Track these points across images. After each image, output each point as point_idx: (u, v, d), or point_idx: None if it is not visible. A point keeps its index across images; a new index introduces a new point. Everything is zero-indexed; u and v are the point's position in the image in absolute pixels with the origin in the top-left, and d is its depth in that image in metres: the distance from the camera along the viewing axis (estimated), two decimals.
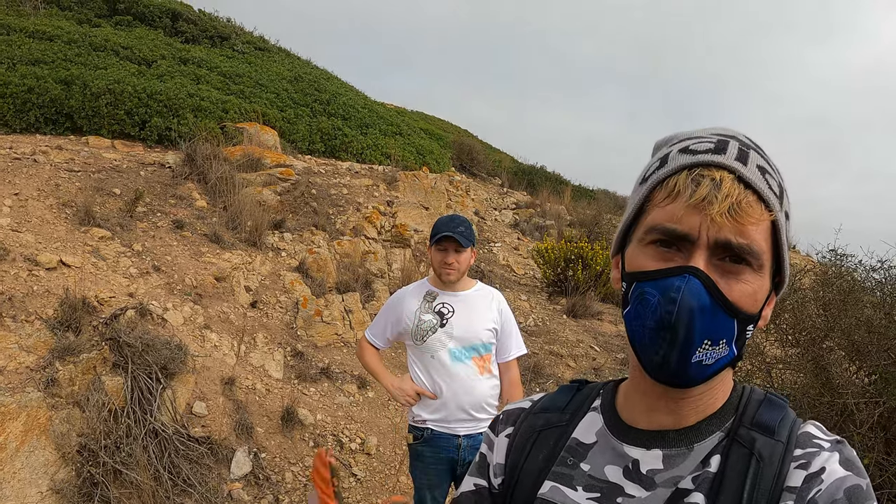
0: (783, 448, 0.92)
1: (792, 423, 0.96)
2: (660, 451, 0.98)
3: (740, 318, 0.91)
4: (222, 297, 6.58)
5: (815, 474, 0.89)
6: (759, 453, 0.92)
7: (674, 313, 0.87)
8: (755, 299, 0.92)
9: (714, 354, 0.90)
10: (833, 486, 0.87)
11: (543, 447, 1.09)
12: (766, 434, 0.94)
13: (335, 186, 9.87)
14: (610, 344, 9.79)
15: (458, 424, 3.50)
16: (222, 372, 5.65)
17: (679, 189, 0.91)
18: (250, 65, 12.87)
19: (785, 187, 0.95)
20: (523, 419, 1.15)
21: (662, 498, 0.95)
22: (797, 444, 0.93)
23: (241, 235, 7.51)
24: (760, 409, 0.97)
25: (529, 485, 1.07)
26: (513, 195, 17.62)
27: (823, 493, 0.86)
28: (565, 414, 1.11)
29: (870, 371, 4.86)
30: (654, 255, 0.93)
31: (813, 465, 0.89)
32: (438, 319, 3.52)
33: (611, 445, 1.02)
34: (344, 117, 12.62)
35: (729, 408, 0.99)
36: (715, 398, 0.98)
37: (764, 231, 0.91)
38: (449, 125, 23.38)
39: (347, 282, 8.20)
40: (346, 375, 6.79)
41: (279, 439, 5.47)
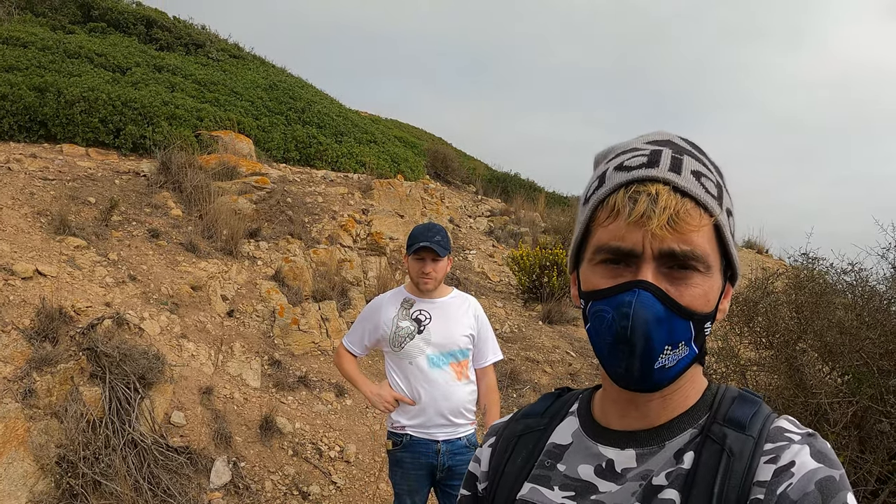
0: (753, 443, 0.93)
1: (765, 418, 0.97)
2: (633, 451, 1.00)
3: (695, 320, 0.94)
4: (199, 306, 6.56)
5: (784, 468, 0.89)
6: (730, 448, 0.93)
7: (628, 328, 0.90)
8: (707, 299, 0.95)
9: (675, 357, 0.94)
10: (804, 479, 0.87)
11: (523, 450, 1.12)
12: (737, 430, 0.95)
13: (310, 195, 9.86)
14: (586, 349, 9.85)
15: (436, 430, 3.53)
16: (200, 381, 5.63)
17: (618, 208, 0.93)
18: (225, 72, 12.81)
19: (724, 184, 0.98)
20: (505, 427, 1.20)
21: (631, 490, 0.97)
22: (768, 439, 0.94)
23: (216, 244, 7.48)
24: (733, 406, 0.98)
25: (509, 487, 1.10)
26: (487, 202, 17.64)
27: (794, 486, 0.87)
28: (544, 419, 1.14)
29: (842, 371, 4.95)
30: (605, 273, 0.96)
31: (782, 459, 0.90)
32: (416, 326, 3.55)
33: (585, 446, 1.05)
34: (319, 125, 12.60)
35: (702, 405, 1.01)
36: (686, 397, 1.00)
37: (706, 234, 0.93)
38: (423, 133, 23.38)
39: (324, 290, 8.19)
40: (324, 384, 6.79)
41: (258, 448, 5.46)
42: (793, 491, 0.86)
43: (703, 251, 0.93)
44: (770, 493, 0.88)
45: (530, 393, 7.91)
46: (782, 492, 0.87)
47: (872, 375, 4.59)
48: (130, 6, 14.56)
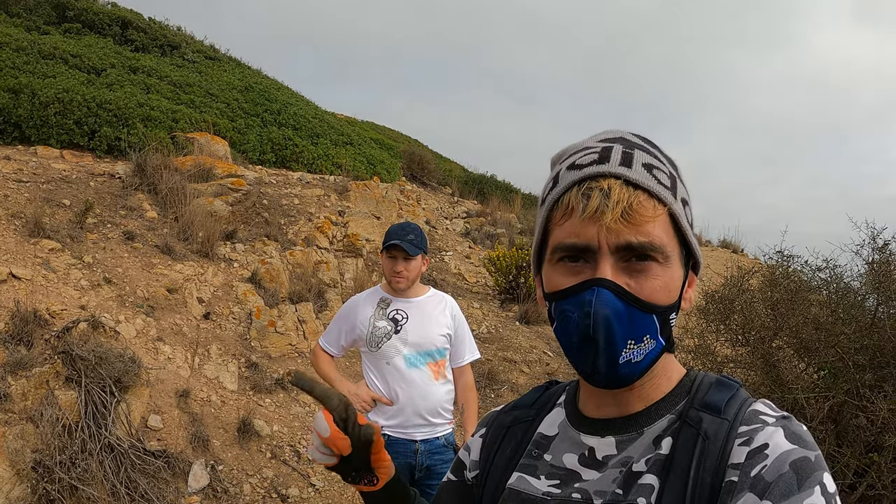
0: (728, 426, 0.93)
1: (741, 402, 0.97)
2: (613, 438, 1.00)
3: (658, 312, 0.94)
4: (175, 308, 6.52)
5: (757, 449, 0.89)
6: (706, 432, 0.94)
7: (590, 326, 0.91)
8: (668, 290, 0.95)
9: (641, 351, 0.94)
10: (779, 461, 0.87)
11: (511, 441, 1.14)
12: (713, 413, 0.95)
13: (286, 197, 9.83)
14: (561, 349, 9.91)
15: (414, 430, 3.53)
16: (177, 384, 5.60)
17: (572, 205, 0.95)
18: (201, 74, 12.72)
19: (678, 174, 1.00)
20: (495, 418, 1.22)
21: (612, 477, 0.97)
22: (742, 422, 0.94)
23: (192, 246, 7.44)
24: (710, 391, 0.99)
25: (498, 476, 1.12)
26: (463, 204, 17.66)
27: (769, 468, 0.87)
28: (532, 410, 1.16)
29: (818, 367, 5.02)
30: (565, 272, 0.96)
31: (756, 441, 0.90)
32: (393, 326, 3.54)
33: (569, 436, 1.06)
34: (295, 127, 12.56)
35: (680, 391, 1.01)
36: (658, 386, 1.01)
37: (663, 224, 0.94)
38: (399, 135, 23.36)
39: (300, 292, 8.17)
40: None
41: (236, 451, 5.44)
42: (767, 472, 0.86)
43: (661, 241, 0.93)
44: (744, 476, 0.88)
45: (508, 393, 7.93)
46: (756, 474, 0.87)
47: (848, 370, 4.66)
48: (106, 7, 14.41)
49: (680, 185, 0.98)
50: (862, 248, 6.56)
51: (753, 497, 0.85)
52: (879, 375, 5.80)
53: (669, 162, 1.00)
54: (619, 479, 0.97)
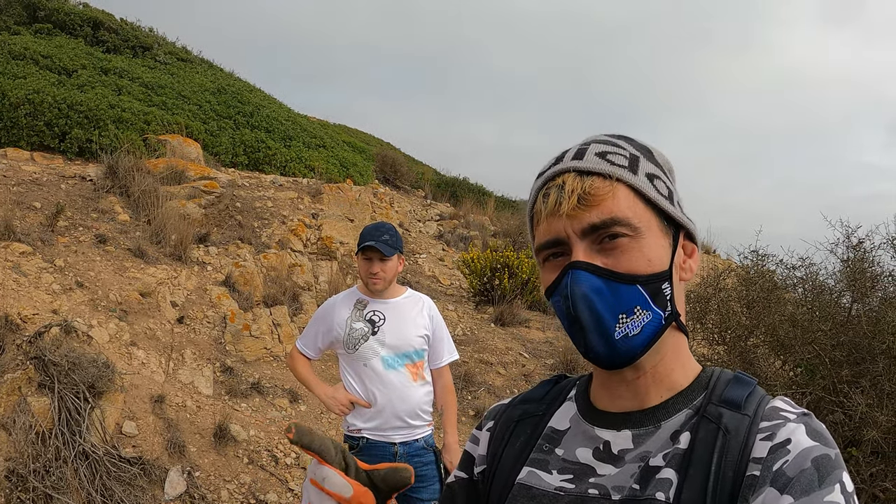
0: (749, 421, 0.94)
1: (760, 398, 0.98)
2: (629, 432, 1.00)
3: (642, 282, 0.95)
4: (148, 312, 6.42)
5: (780, 445, 0.90)
6: (726, 427, 0.94)
7: (570, 307, 0.93)
8: (648, 259, 0.96)
9: (636, 323, 0.94)
10: (800, 457, 0.88)
11: (521, 436, 1.12)
12: (732, 409, 0.96)
13: (260, 199, 9.75)
14: (539, 350, 9.92)
15: (393, 432, 3.49)
16: (151, 390, 5.51)
17: (538, 208, 1.00)
18: (173, 76, 12.57)
19: (640, 153, 1.01)
20: (503, 412, 1.20)
21: (630, 472, 0.97)
22: (763, 418, 0.94)
23: (165, 250, 7.34)
24: (728, 387, 0.99)
25: (507, 471, 1.10)
26: (436, 207, 17.64)
27: (791, 463, 0.87)
28: (542, 404, 1.15)
29: (795, 364, 5.06)
30: (550, 269, 1.00)
31: (778, 436, 0.91)
32: (370, 327, 3.51)
33: (582, 429, 1.05)
34: (267, 130, 12.46)
35: (697, 387, 1.01)
36: (672, 372, 1.01)
37: (625, 199, 0.96)
38: (371, 138, 23.31)
39: (275, 295, 8.10)
40: (278, 390, 6.71)
41: (213, 457, 5.36)
42: (789, 468, 0.87)
43: (624, 215, 0.95)
44: (766, 470, 0.88)
45: (485, 395, 7.93)
46: (778, 468, 0.88)
47: (825, 366, 4.71)
48: (77, 7, 14.19)
49: (645, 162, 1.00)
50: (836, 247, 6.66)
51: (774, 492, 0.86)
52: (856, 371, 5.88)
53: (636, 146, 1.02)
54: (637, 474, 0.96)
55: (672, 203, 1.00)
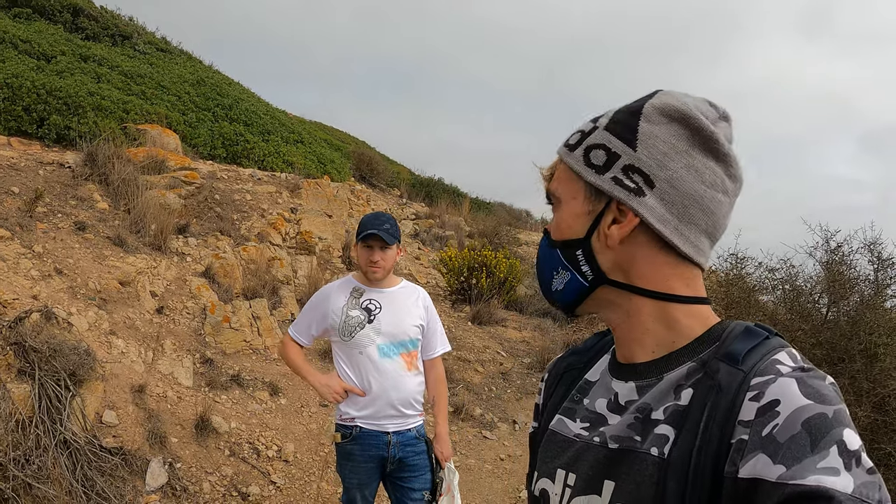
0: (742, 377, 0.90)
1: (766, 352, 0.93)
2: (633, 384, 1.02)
3: (559, 247, 1.06)
4: (127, 302, 6.29)
5: (768, 406, 0.85)
6: (719, 384, 0.91)
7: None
8: (559, 228, 1.06)
9: (561, 280, 1.06)
10: (790, 420, 0.82)
11: (563, 387, 1.18)
12: (730, 364, 0.92)
13: (238, 192, 9.62)
14: (516, 349, 9.93)
15: (387, 421, 3.47)
16: (131, 379, 5.40)
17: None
18: (152, 66, 12.39)
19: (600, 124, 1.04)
20: (554, 365, 1.26)
21: (627, 422, 0.99)
22: (757, 373, 0.89)
23: (144, 239, 7.21)
24: (735, 340, 0.96)
25: (547, 419, 1.17)
26: (412, 206, 17.63)
27: (781, 427, 0.82)
28: (585, 357, 1.20)
29: None
30: None
31: (766, 396, 0.86)
32: (366, 315, 3.48)
33: (605, 381, 1.09)
34: (246, 123, 12.33)
35: (708, 339, 0.99)
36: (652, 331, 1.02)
37: (561, 174, 1.07)
38: (347, 136, 23.20)
39: (254, 288, 8.00)
40: (258, 382, 6.62)
41: (194, 448, 5.26)
42: (779, 432, 0.82)
43: (554, 188, 1.08)
44: (755, 434, 0.84)
45: (463, 392, 7.91)
46: (768, 433, 0.83)
47: None
48: None
49: (598, 133, 1.03)
50: (815, 251, 6.77)
51: (765, 458, 0.82)
52: (835, 370, 5.97)
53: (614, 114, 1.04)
54: (637, 426, 0.97)
55: (604, 172, 1.01)
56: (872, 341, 5.89)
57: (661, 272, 1.00)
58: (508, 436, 7.55)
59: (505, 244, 14.53)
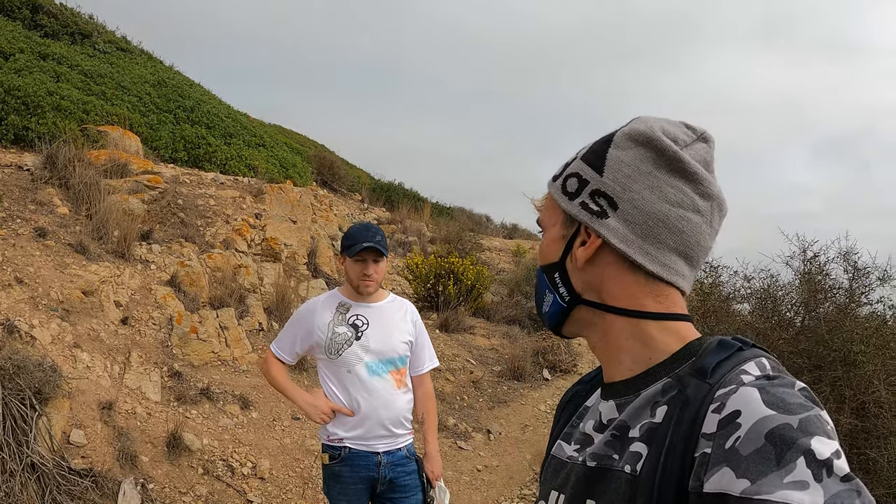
0: (707, 389, 0.89)
1: (737, 363, 0.91)
2: (613, 402, 1.03)
3: (543, 270, 1.11)
4: (91, 312, 6.00)
5: (729, 418, 0.83)
6: (687, 397, 0.90)
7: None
8: (543, 253, 1.12)
9: (547, 302, 1.10)
10: (753, 431, 0.79)
11: (567, 413, 1.21)
12: (699, 377, 0.92)
13: (202, 197, 9.32)
14: (485, 357, 9.81)
15: (376, 441, 3.33)
16: (98, 395, 5.12)
17: None
18: (112, 65, 11.96)
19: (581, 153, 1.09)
20: (565, 393, 1.28)
21: (606, 440, 1.00)
22: (722, 385, 0.88)
23: (107, 246, 6.89)
24: (708, 353, 0.95)
25: (551, 446, 1.19)
26: (373, 211, 17.47)
27: (743, 439, 0.80)
28: (589, 384, 1.22)
29: None
30: None
31: (727, 407, 0.84)
32: (353, 332, 3.33)
33: (595, 403, 1.11)
34: (208, 126, 12.00)
35: (684, 355, 0.98)
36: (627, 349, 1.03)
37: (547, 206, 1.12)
38: (307, 139, 22.88)
39: (221, 297, 7.73)
40: (228, 396, 6.37)
41: (166, 467, 5.00)
42: (742, 445, 0.80)
43: (541, 219, 1.14)
44: (718, 447, 0.82)
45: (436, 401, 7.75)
46: (731, 446, 0.80)
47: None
48: None
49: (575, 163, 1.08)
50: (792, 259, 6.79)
51: (730, 472, 0.79)
52: (815, 376, 5.98)
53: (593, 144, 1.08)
54: (615, 443, 0.98)
55: (575, 198, 1.05)
56: (850, 348, 5.91)
57: (630, 291, 1.02)
58: (484, 446, 7.42)
59: (469, 250, 14.42)
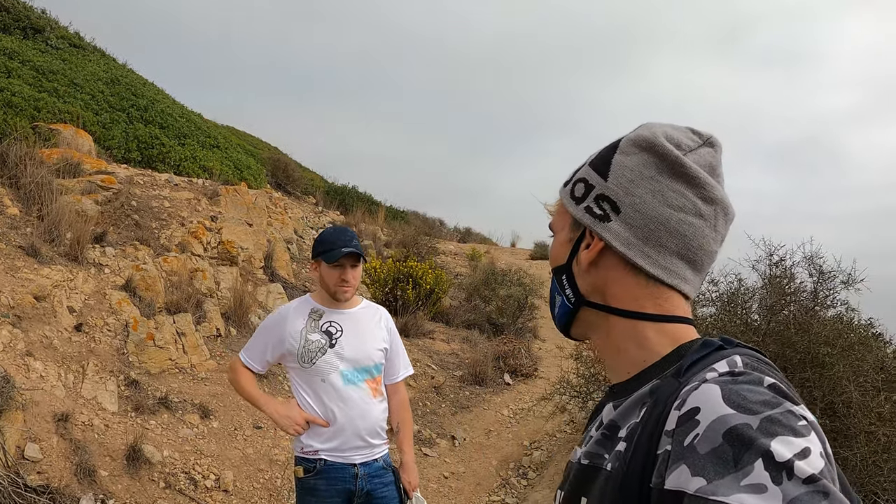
0: (676, 387, 0.89)
1: (712, 362, 0.90)
2: (612, 403, 1.04)
3: (554, 273, 1.13)
4: (43, 318, 5.72)
5: (688, 414, 0.82)
6: (658, 396, 0.91)
7: None
8: (552, 257, 1.13)
9: (557, 304, 1.12)
10: (711, 430, 0.78)
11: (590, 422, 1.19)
12: (675, 375, 0.92)
13: (156, 199, 9.04)
14: (446, 362, 9.71)
15: (353, 452, 3.19)
16: (53, 407, 4.87)
17: None
18: (65, 62, 11.53)
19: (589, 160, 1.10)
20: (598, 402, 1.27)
21: (597, 439, 1.02)
22: (688, 382, 0.88)
23: (60, 249, 6.60)
24: (690, 354, 0.95)
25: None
26: (327, 214, 17.27)
27: (701, 437, 0.78)
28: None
29: None
30: None
31: (687, 404, 0.83)
32: (327, 339, 3.19)
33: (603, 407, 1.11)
34: (162, 126, 11.66)
35: (675, 357, 0.98)
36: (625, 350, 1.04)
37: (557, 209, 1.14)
38: (259, 141, 22.53)
39: (177, 302, 7.48)
40: (187, 405, 6.14)
41: (126, 482, 4.77)
42: (700, 443, 0.78)
43: (552, 223, 1.15)
44: (678, 444, 0.81)
45: None
46: (689, 444, 0.79)
47: None
48: None
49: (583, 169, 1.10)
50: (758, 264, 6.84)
51: (687, 471, 0.78)
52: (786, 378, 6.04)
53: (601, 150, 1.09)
54: (605, 442, 1.00)
55: (581, 202, 1.07)
56: (817, 350, 5.96)
57: (631, 293, 1.02)
58: (449, 452, 7.31)
59: (425, 254, 14.32)
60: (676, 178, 1.00)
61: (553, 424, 8.00)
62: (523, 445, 7.59)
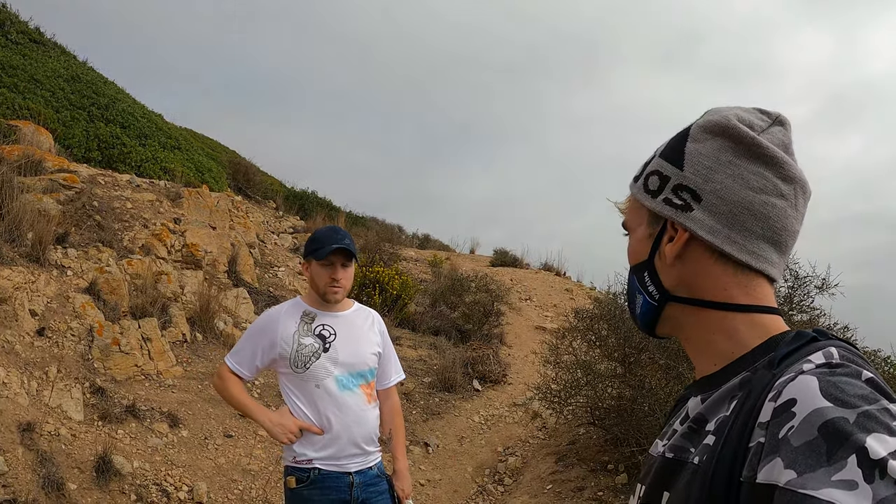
0: (770, 378, 0.87)
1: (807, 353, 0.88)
2: (699, 397, 1.01)
3: (633, 271, 1.11)
4: (4, 322, 5.45)
5: (784, 406, 0.80)
6: (751, 388, 0.89)
7: None
8: (631, 255, 1.11)
9: (638, 303, 1.09)
10: (807, 423, 0.76)
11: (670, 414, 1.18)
12: (768, 367, 0.90)
13: (118, 199, 8.74)
14: (414, 369, 9.57)
15: (348, 461, 3.06)
16: (17, 416, 4.61)
17: None
18: (25, 57, 11.13)
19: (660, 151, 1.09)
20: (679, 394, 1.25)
21: (683, 432, 0.99)
22: (783, 373, 0.86)
23: (20, 249, 6.31)
24: (783, 345, 0.92)
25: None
26: (288, 219, 17.03)
27: (796, 430, 0.76)
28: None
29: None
30: None
31: (783, 395, 0.81)
32: (320, 343, 3.06)
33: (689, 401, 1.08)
34: (123, 125, 11.33)
35: (766, 349, 0.95)
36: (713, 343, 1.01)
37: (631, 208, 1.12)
38: (218, 144, 22.09)
39: (143, 306, 7.22)
40: (155, 413, 5.90)
41: (96, 495, 4.54)
42: (794, 436, 0.76)
43: (626, 220, 1.13)
44: (772, 437, 0.79)
45: None
46: (783, 436, 0.78)
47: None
48: None
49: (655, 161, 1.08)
50: None
51: (780, 463, 0.76)
52: None
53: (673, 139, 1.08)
54: (691, 436, 0.97)
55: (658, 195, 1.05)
56: None
57: (720, 282, 1.00)
58: (423, 460, 7.18)
59: (388, 260, 14.17)
60: (754, 159, 0.98)
61: (526, 430, 7.91)
62: (497, 451, 7.49)
